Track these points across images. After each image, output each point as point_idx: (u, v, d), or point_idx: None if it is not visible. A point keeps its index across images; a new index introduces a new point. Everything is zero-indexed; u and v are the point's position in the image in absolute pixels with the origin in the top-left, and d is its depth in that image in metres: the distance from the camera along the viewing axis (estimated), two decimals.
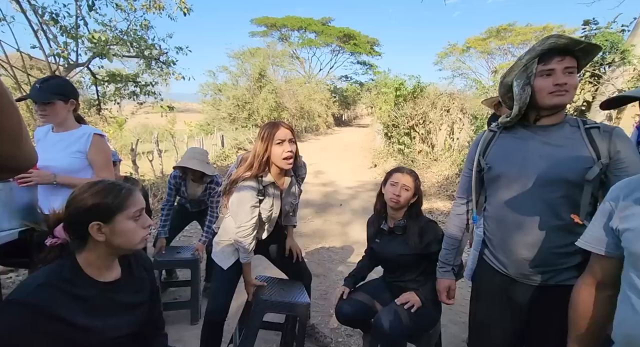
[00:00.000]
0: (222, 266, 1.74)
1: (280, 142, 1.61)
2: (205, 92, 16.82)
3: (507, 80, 1.18)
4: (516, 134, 1.20)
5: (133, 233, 1.00)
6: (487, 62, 24.10)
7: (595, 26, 3.77)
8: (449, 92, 8.99)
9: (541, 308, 1.14)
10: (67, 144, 1.69)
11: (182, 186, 2.61)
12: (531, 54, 1.10)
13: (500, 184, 1.19)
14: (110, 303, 1.01)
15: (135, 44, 5.08)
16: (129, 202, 0.99)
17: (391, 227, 1.73)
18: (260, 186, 1.65)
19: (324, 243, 4.09)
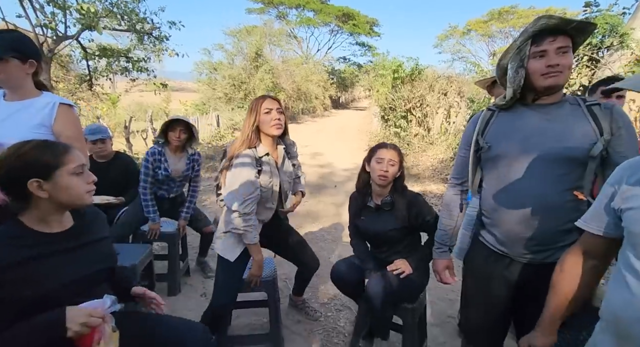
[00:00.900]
0: (228, 258, 1.72)
1: (269, 111, 1.66)
2: (201, 70, 16.44)
3: (502, 62, 1.18)
4: (516, 112, 1.19)
5: (76, 188, 1.03)
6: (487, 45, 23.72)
7: (596, 8, 3.71)
8: (447, 75, 8.89)
9: (538, 285, 1.13)
10: (26, 116, 1.39)
11: (162, 162, 2.40)
12: (524, 35, 1.09)
13: (500, 163, 1.17)
14: (65, 251, 1.05)
15: (126, 17, 4.90)
16: (68, 158, 1.02)
17: (378, 204, 1.75)
18: (256, 155, 1.67)
19: (318, 223, 4.14)
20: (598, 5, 3.70)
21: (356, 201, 1.86)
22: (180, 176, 2.50)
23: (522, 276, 1.18)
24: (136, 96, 13.02)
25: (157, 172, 2.40)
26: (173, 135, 2.39)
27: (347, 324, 2.25)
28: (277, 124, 1.66)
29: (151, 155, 2.38)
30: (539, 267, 1.15)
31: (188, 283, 2.68)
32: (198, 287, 2.64)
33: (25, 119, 1.38)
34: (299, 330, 2.18)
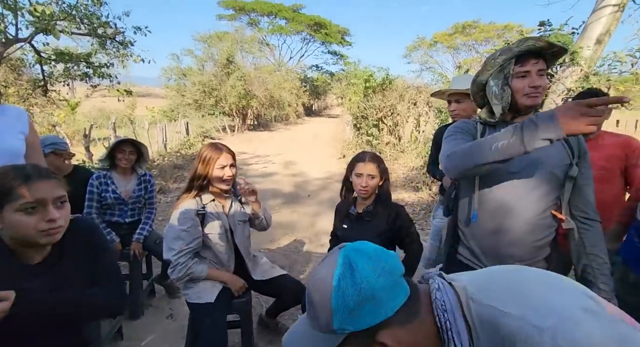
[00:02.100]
0: (207, 301, 1.68)
1: (222, 167, 1.69)
2: (169, 76, 15.96)
3: (480, 79, 1.18)
4: (497, 130, 1.18)
5: (24, 227, 0.90)
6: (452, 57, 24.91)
7: (549, 27, 3.98)
8: (416, 85, 9.19)
9: None
10: (7, 123, 1.44)
11: (109, 185, 2.27)
12: (507, 54, 1.11)
13: (487, 182, 1.17)
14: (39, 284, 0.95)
15: (87, 20, 4.64)
16: (18, 193, 0.88)
17: (360, 213, 1.73)
18: (200, 204, 1.71)
19: (291, 235, 4.07)
20: (551, 24, 3.98)
21: (341, 210, 1.83)
22: (132, 198, 2.37)
23: None
24: (98, 102, 12.37)
25: (106, 196, 2.27)
26: (122, 156, 2.28)
27: None
28: (227, 180, 1.71)
29: (96, 179, 2.26)
30: None
31: (152, 305, 2.51)
32: (164, 309, 2.48)
33: (8, 123, 1.43)
34: None
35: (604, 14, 3.70)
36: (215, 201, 1.76)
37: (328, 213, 4.81)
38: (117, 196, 2.29)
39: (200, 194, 1.72)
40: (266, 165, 8.01)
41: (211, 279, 1.73)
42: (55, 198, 0.93)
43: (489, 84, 1.16)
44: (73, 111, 8.99)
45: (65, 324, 1.03)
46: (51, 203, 0.92)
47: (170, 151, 8.94)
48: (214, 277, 1.74)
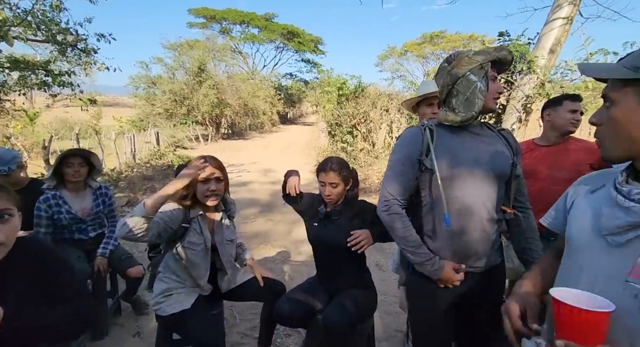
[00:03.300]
0: (184, 308, 1.62)
1: (206, 181, 1.61)
2: (137, 84, 15.48)
3: (457, 71, 1.16)
4: (454, 133, 1.22)
5: None
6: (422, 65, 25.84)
7: (508, 38, 4.23)
8: (388, 93, 9.43)
9: (480, 292, 1.25)
10: None
11: (61, 206, 2.09)
12: (486, 56, 1.15)
13: (451, 184, 1.17)
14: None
15: (44, 27, 4.41)
16: None
17: (328, 211, 1.74)
18: (186, 217, 1.63)
19: (267, 244, 4.01)
20: (509, 35, 4.24)
21: (312, 206, 1.82)
22: (90, 215, 2.20)
23: (465, 286, 1.23)
24: (60, 112, 11.75)
25: (60, 217, 2.08)
26: (70, 171, 2.08)
27: None
28: (212, 195, 1.63)
29: (44, 202, 2.04)
30: (478, 275, 1.24)
31: (118, 323, 2.38)
32: (130, 327, 2.36)
33: None
34: None
35: (555, 26, 3.98)
36: (202, 215, 1.68)
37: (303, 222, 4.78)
38: (72, 216, 2.11)
39: (190, 207, 1.63)
40: (241, 174, 7.89)
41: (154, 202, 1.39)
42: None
43: (469, 78, 1.15)
44: (32, 122, 8.48)
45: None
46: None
47: (140, 162, 8.62)
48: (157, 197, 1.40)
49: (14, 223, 0.91)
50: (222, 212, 1.78)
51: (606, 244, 0.70)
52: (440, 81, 1.24)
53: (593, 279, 0.71)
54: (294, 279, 3.03)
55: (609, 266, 0.69)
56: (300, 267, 3.35)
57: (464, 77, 1.16)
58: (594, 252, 0.72)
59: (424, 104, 2.02)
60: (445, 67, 1.22)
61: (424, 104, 2.02)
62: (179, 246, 1.64)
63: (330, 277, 1.79)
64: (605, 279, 0.69)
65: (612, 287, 0.67)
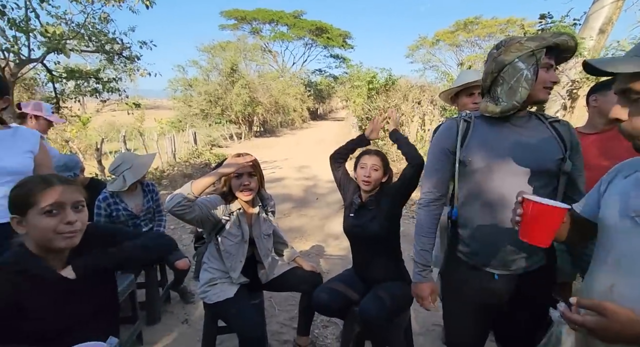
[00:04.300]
0: (227, 297, 1.72)
1: (238, 176, 1.70)
2: (175, 87, 16.26)
3: (504, 58, 1.10)
4: (493, 125, 1.16)
5: (44, 229, 0.96)
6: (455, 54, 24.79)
7: (550, 20, 3.98)
8: (419, 85, 9.19)
9: (517, 296, 1.17)
10: (13, 143, 1.59)
11: (119, 204, 2.28)
12: (540, 42, 1.06)
13: (479, 177, 1.14)
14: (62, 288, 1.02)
15: (95, 38, 4.79)
16: (40, 196, 0.96)
17: (363, 202, 1.78)
18: (227, 211, 1.74)
19: (302, 238, 4.10)
20: (552, 17, 3.98)
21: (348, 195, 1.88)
22: (143, 210, 2.40)
23: (501, 287, 1.17)
24: (108, 116, 12.66)
25: (118, 214, 2.28)
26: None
27: (334, 341, 2.22)
28: (245, 189, 1.71)
29: (103, 200, 2.25)
30: (516, 278, 1.16)
31: (168, 311, 2.58)
32: (179, 314, 2.54)
33: (14, 145, 1.58)
34: None
35: (605, 3, 3.68)
36: (241, 210, 1.78)
37: (337, 215, 4.84)
38: (129, 213, 2.31)
39: (230, 202, 1.76)
40: (274, 171, 8.09)
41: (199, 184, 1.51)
42: (74, 202, 1.00)
43: (516, 65, 1.08)
44: (85, 126, 9.24)
45: (99, 313, 1.10)
46: (70, 206, 0.99)
47: (180, 161, 9.10)
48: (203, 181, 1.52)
49: (86, 213, 1.06)
50: (259, 206, 1.86)
51: (633, 225, 0.72)
52: (488, 66, 1.16)
53: (620, 256, 0.74)
54: (329, 272, 3.09)
55: (636, 245, 0.71)
56: (335, 260, 3.41)
57: (511, 64, 1.09)
58: (622, 232, 0.75)
59: (463, 94, 1.96)
60: (492, 54, 1.15)
61: (463, 94, 1.96)
62: (219, 237, 1.75)
63: (366, 267, 1.83)
64: (632, 257, 0.71)
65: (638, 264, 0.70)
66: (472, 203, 1.18)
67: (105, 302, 1.14)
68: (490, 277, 1.19)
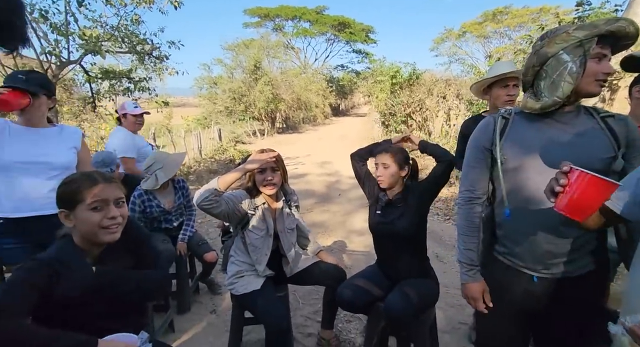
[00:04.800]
0: (254, 289, 1.78)
1: (262, 171, 1.75)
2: (201, 85, 16.68)
3: (547, 50, 1.03)
4: (533, 121, 1.10)
5: (90, 223, 1.04)
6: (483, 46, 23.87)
7: (588, 7, 3.75)
8: (445, 79, 8.96)
9: (558, 300, 1.11)
10: (60, 139, 1.71)
11: (152, 200, 2.39)
12: (591, 30, 0.97)
13: (518, 176, 1.10)
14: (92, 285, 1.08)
15: (127, 39, 5.03)
16: (87, 193, 1.04)
17: (390, 199, 1.77)
18: (252, 206, 1.79)
19: (325, 234, 4.14)
20: (590, 3, 3.75)
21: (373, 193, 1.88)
22: (174, 207, 2.50)
23: (540, 291, 1.12)
24: None
25: (151, 211, 2.39)
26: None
27: (358, 335, 2.24)
28: (268, 184, 1.76)
29: (138, 197, 2.34)
30: (557, 282, 1.11)
31: (197, 301, 2.69)
32: (207, 305, 2.65)
33: (61, 142, 1.71)
34: (310, 343, 2.17)
35: None
36: (265, 204, 1.83)
37: (359, 211, 4.84)
38: (161, 209, 2.42)
39: (254, 196, 1.81)
40: (297, 167, 8.16)
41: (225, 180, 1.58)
42: (115, 198, 1.09)
43: (560, 58, 1.00)
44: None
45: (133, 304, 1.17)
46: (112, 203, 1.08)
47: (205, 157, 9.37)
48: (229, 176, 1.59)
49: (126, 208, 1.15)
50: (282, 201, 1.90)
51: None
52: (530, 60, 1.10)
53: None
54: (351, 268, 3.10)
55: None
56: (358, 256, 3.42)
57: (555, 56, 1.01)
58: None
59: (497, 86, 1.91)
60: (535, 46, 1.08)
61: (497, 86, 1.91)
62: (245, 230, 1.81)
63: (390, 265, 1.83)
64: None
65: None
66: (509, 202, 1.13)
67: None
68: (529, 279, 1.13)
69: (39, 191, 1.63)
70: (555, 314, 1.14)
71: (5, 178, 1.61)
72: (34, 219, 1.62)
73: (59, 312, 1.00)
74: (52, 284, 0.99)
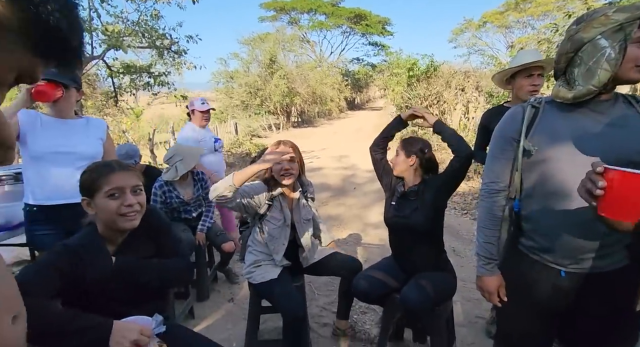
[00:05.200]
0: (272, 278, 1.81)
1: (279, 161, 1.75)
2: (218, 80, 16.89)
3: (582, 36, 0.96)
4: (565, 110, 1.04)
5: (109, 209, 1.08)
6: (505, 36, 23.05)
7: None
8: (463, 70, 8.74)
9: (587, 296, 1.06)
10: (87, 131, 1.79)
11: (172, 191, 2.47)
12: (633, 13, 0.92)
13: (547, 168, 1.05)
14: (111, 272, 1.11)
15: (147, 34, 5.13)
16: (104, 181, 1.08)
17: (405, 191, 1.76)
18: (268, 196, 1.81)
19: (340, 227, 4.15)
20: None
21: (390, 185, 1.88)
22: (193, 198, 2.57)
23: (568, 286, 1.08)
24: (158, 109, 13.51)
25: (171, 201, 2.47)
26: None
27: (373, 327, 2.26)
28: (286, 174, 1.78)
29: (159, 188, 2.42)
30: (587, 277, 1.06)
31: (216, 289, 2.76)
32: (225, 293, 2.72)
33: (89, 133, 1.80)
34: (325, 333, 2.20)
35: None
36: (283, 194, 1.86)
37: (375, 204, 4.82)
38: (181, 200, 2.49)
39: (272, 186, 1.83)
40: (312, 160, 8.18)
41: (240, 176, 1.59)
42: (132, 186, 1.11)
43: (598, 43, 0.95)
44: (137, 118, 9.95)
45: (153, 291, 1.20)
46: (129, 190, 1.10)
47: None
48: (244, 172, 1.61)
49: (144, 196, 1.17)
50: (299, 192, 1.92)
51: None
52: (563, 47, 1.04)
53: None
54: (367, 261, 3.11)
55: None
56: (373, 249, 3.42)
57: (591, 42, 0.95)
58: None
59: (521, 76, 1.86)
60: (570, 31, 1.01)
61: (521, 76, 1.86)
62: (263, 220, 1.84)
63: (406, 258, 1.82)
64: None
65: None
66: (537, 195, 1.09)
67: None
68: (556, 274, 1.09)
69: (68, 180, 1.70)
70: (583, 312, 1.09)
71: (37, 168, 1.69)
72: (63, 207, 1.70)
73: (81, 297, 1.04)
74: (76, 269, 1.03)
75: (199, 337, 1.27)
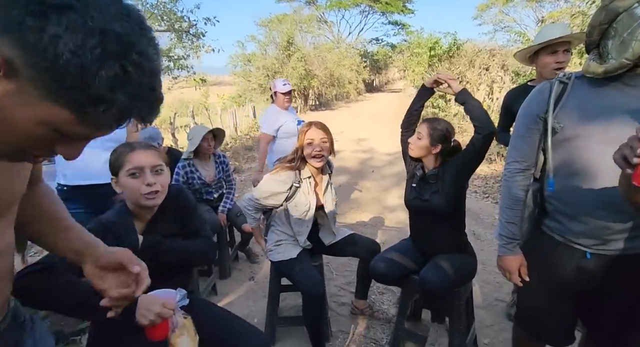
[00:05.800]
0: (291, 257, 1.84)
1: (311, 142, 1.76)
2: (235, 63, 16.82)
3: (618, 5, 0.90)
4: (597, 85, 0.99)
5: (131, 188, 1.12)
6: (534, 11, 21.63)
7: None
8: (488, 48, 8.33)
9: (614, 277, 1.04)
10: None
11: (194, 173, 2.52)
12: None
13: (575, 146, 1.01)
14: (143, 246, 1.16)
15: (166, 17, 5.15)
16: (125, 160, 1.12)
17: (424, 174, 1.73)
18: (297, 178, 1.81)
19: (358, 210, 4.16)
20: None
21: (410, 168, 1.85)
22: (214, 180, 2.62)
23: (594, 268, 1.06)
24: (177, 93, 13.68)
25: (193, 182, 2.51)
26: (205, 144, 2.50)
27: (391, 307, 2.28)
28: (317, 156, 1.77)
29: (182, 168, 2.46)
30: (614, 259, 1.03)
31: (237, 268, 2.85)
32: (246, 272, 2.81)
33: None
34: (343, 312, 2.25)
35: None
36: (311, 178, 1.85)
37: (394, 188, 4.78)
38: (202, 182, 2.55)
39: (300, 168, 1.83)
40: None
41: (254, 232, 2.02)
42: (152, 166, 1.13)
43: (634, 13, 0.88)
44: None
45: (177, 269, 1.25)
46: (149, 170, 1.13)
47: (241, 134, 9.60)
48: (255, 234, 2.02)
49: (166, 175, 1.19)
50: (327, 174, 1.92)
51: None
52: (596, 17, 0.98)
53: None
54: (385, 243, 3.11)
55: None
56: (392, 232, 3.42)
57: (627, 11, 0.89)
58: None
59: (545, 52, 1.77)
60: (605, 0, 0.96)
61: (545, 52, 1.77)
62: (290, 202, 1.85)
63: (426, 239, 1.81)
64: None
65: None
66: (563, 174, 1.05)
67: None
68: (581, 255, 1.07)
69: (95, 161, 1.78)
70: (609, 295, 1.07)
71: None
72: (92, 187, 1.78)
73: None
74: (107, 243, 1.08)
75: (221, 311, 1.32)
